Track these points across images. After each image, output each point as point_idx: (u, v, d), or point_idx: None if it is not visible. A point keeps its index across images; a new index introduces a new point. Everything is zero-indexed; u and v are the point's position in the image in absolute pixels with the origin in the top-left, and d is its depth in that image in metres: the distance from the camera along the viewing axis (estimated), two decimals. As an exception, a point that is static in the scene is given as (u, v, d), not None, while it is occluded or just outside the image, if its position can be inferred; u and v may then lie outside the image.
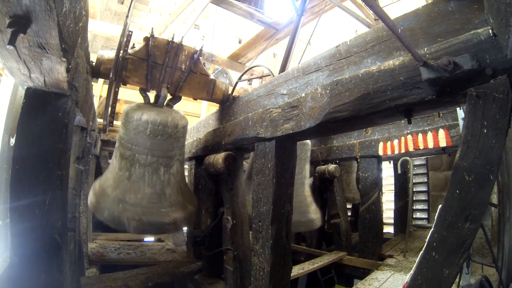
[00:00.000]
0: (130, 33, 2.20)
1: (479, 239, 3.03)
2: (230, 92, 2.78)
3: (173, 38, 2.38)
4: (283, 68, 2.47)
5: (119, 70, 2.15)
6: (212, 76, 2.73)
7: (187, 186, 2.68)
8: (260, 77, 3.11)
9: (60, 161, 1.46)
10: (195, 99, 2.73)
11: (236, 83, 2.89)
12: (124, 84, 2.32)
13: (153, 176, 2.25)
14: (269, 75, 2.72)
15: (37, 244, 1.34)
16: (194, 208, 2.46)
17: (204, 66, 2.83)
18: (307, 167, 2.96)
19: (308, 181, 3.00)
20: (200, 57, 2.52)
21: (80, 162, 2.43)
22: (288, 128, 1.77)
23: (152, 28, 2.37)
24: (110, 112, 2.27)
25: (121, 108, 4.72)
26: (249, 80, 2.92)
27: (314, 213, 2.89)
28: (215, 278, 2.67)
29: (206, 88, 2.64)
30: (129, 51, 2.26)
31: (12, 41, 0.89)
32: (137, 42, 2.48)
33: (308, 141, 3.01)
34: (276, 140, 1.89)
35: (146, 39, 2.30)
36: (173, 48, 2.36)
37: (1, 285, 1.58)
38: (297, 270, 3.09)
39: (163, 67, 2.36)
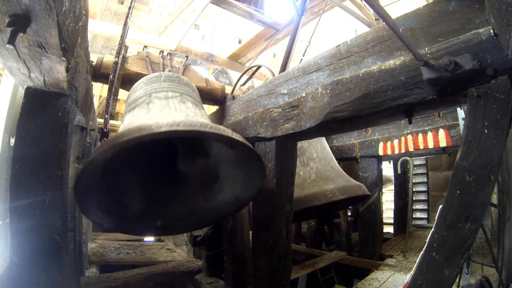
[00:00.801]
0: (127, 46, 2.45)
1: (479, 239, 3.04)
2: (230, 91, 2.80)
3: (162, 52, 2.75)
4: (283, 68, 2.47)
5: (120, 65, 2.21)
6: (212, 77, 2.78)
7: None
8: (252, 75, 3.12)
9: (60, 161, 1.46)
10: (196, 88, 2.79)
11: (237, 82, 2.90)
12: (126, 76, 2.41)
13: (180, 105, 1.63)
14: (260, 66, 2.86)
15: (37, 244, 1.34)
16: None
17: (201, 65, 2.94)
18: (326, 144, 2.89)
19: (333, 157, 2.85)
20: (189, 62, 2.82)
21: (80, 162, 2.43)
22: (288, 128, 1.77)
23: (144, 46, 2.72)
24: (109, 113, 2.28)
25: (121, 108, 4.72)
26: (245, 82, 2.95)
27: (357, 182, 2.74)
28: (215, 278, 2.67)
29: (204, 80, 2.81)
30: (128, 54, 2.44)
31: (11, 41, 0.89)
32: (137, 42, 2.57)
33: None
34: (277, 140, 1.89)
35: (141, 52, 2.62)
36: (165, 56, 2.73)
37: (1, 285, 1.58)
38: (297, 270, 3.09)
39: (160, 64, 2.61)
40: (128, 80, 2.41)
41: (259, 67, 2.90)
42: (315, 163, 2.59)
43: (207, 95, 2.79)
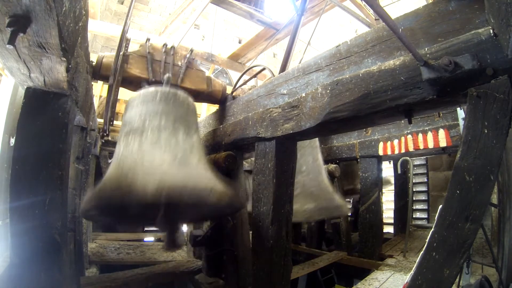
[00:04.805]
0: (128, 38, 2.34)
1: (479, 239, 3.04)
2: (230, 92, 2.80)
3: (166, 43, 2.64)
4: (283, 68, 2.47)
5: (120, 65, 2.19)
6: (211, 76, 2.78)
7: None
8: (255, 75, 3.12)
9: (60, 161, 1.46)
10: (196, 92, 2.74)
11: (237, 82, 2.90)
12: (126, 78, 2.36)
13: (171, 139, 1.68)
14: (264, 68, 2.82)
15: (37, 244, 1.34)
16: (235, 191, 1.84)
17: (201, 64, 2.90)
18: (320, 156, 2.89)
19: (324, 170, 2.87)
20: (193, 57, 2.72)
21: (80, 162, 2.43)
22: (288, 128, 1.77)
23: (147, 38, 2.59)
24: (110, 113, 2.27)
25: (121, 108, 4.72)
26: (245, 82, 2.94)
27: (340, 200, 2.75)
28: (215, 278, 2.67)
29: (205, 81, 2.75)
30: (129, 51, 2.33)
31: (11, 41, 0.89)
32: (137, 42, 2.55)
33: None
34: (276, 140, 1.89)
35: (143, 44, 2.53)
36: (168, 50, 2.60)
37: (1, 285, 1.58)
38: (297, 270, 3.09)
39: (161, 63, 2.52)
40: (129, 82, 2.41)
41: (263, 68, 2.88)
42: (303, 177, 2.57)
43: (208, 96, 2.79)
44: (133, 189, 1.31)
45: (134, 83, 2.42)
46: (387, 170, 5.44)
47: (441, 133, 3.01)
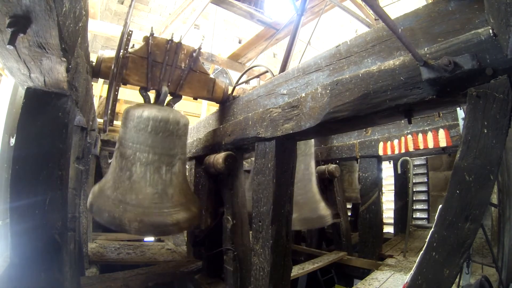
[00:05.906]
0: (130, 32, 2.21)
1: (479, 239, 3.04)
2: (230, 92, 2.79)
3: (172, 37, 2.41)
4: (283, 68, 2.47)
5: (119, 68, 2.16)
6: (211, 76, 2.75)
7: (190, 188, 2.65)
8: (258, 76, 3.12)
9: (60, 161, 1.46)
10: (195, 98, 2.73)
11: (237, 82, 2.90)
12: (124, 84, 2.33)
13: (154, 175, 2.24)
14: (267, 71, 2.76)
15: (37, 244, 1.34)
16: (197, 210, 2.43)
17: (203, 65, 2.86)
18: (313, 163, 2.89)
19: (315, 177, 2.92)
20: (199, 56, 2.56)
21: (80, 162, 2.43)
22: (288, 128, 1.77)
23: (152, 28, 2.40)
24: (110, 111, 2.27)
25: (121, 108, 4.72)
26: (247, 81, 2.93)
27: (324, 210, 2.81)
28: (215, 278, 2.67)
29: (206, 87, 2.68)
30: (129, 50, 2.29)
31: (12, 41, 0.89)
32: (136, 42, 2.50)
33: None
34: (276, 140, 1.89)
35: (146, 38, 2.34)
36: (172, 47, 2.41)
37: (1, 285, 1.58)
38: (297, 270, 3.09)
39: (163, 65, 2.41)
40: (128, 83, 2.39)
41: (266, 71, 2.87)
42: None
43: (209, 98, 2.77)
44: (123, 224, 2.06)
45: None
46: (387, 170, 5.44)
47: (441, 133, 3.02)
